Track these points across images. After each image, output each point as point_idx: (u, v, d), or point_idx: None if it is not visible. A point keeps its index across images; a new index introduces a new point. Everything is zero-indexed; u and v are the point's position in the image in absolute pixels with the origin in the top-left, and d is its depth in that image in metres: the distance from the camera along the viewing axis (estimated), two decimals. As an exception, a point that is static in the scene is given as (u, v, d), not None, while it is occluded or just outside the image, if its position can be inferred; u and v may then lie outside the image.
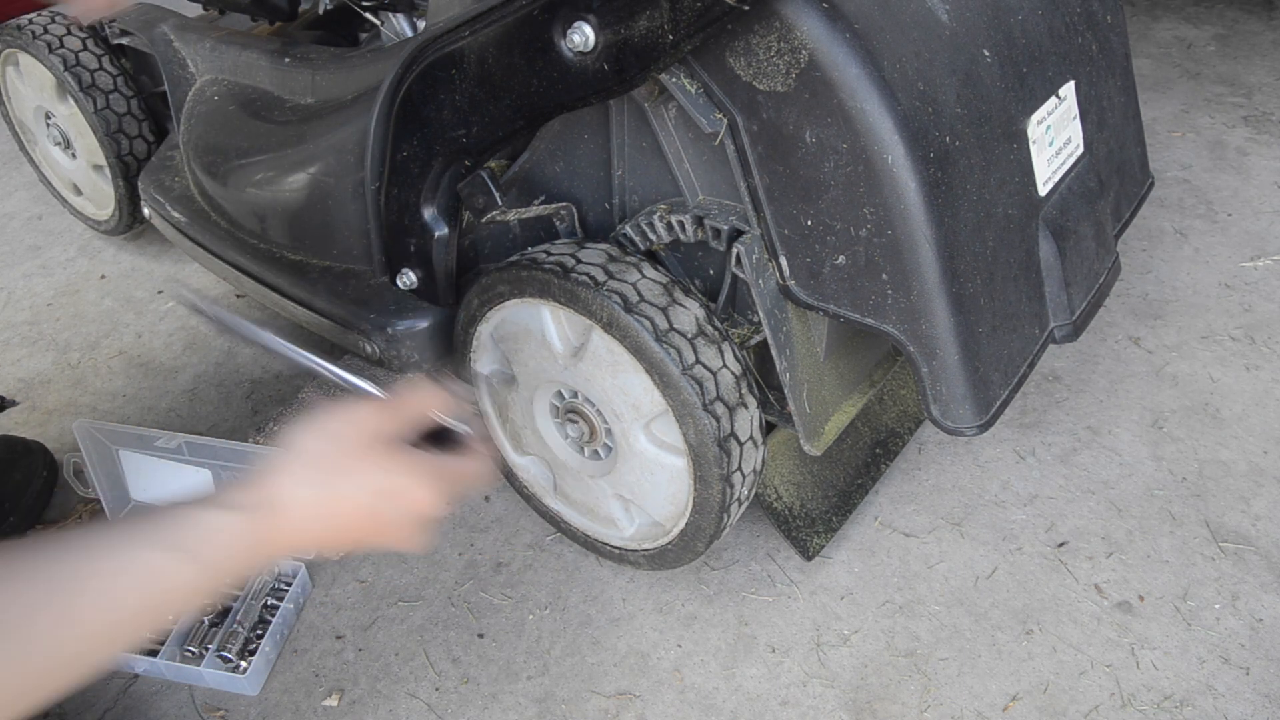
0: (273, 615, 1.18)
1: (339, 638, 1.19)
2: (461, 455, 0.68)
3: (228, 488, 0.61)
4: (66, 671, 0.50)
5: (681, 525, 1.05)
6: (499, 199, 1.05)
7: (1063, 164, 0.99)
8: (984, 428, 0.90)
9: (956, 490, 1.31)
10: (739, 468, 0.98)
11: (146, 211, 1.52)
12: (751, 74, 0.82)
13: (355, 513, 0.62)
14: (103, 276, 1.85)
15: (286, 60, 1.32)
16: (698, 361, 0.93)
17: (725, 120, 0.85)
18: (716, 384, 0.94)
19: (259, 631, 1.17)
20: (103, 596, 0.51)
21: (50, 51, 1.61)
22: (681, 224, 0.96)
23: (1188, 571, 1.19)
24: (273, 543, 0.58)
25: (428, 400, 0.68)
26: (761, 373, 1.07)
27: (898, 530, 1.26)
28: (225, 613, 1.18)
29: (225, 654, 1.14)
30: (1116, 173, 1.10)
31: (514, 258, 1.03)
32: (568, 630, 1.18)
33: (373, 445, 0.63)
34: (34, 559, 0.50)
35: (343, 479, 0.61)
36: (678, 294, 0.96)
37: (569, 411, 1.08)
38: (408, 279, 1.12)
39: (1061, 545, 1.23)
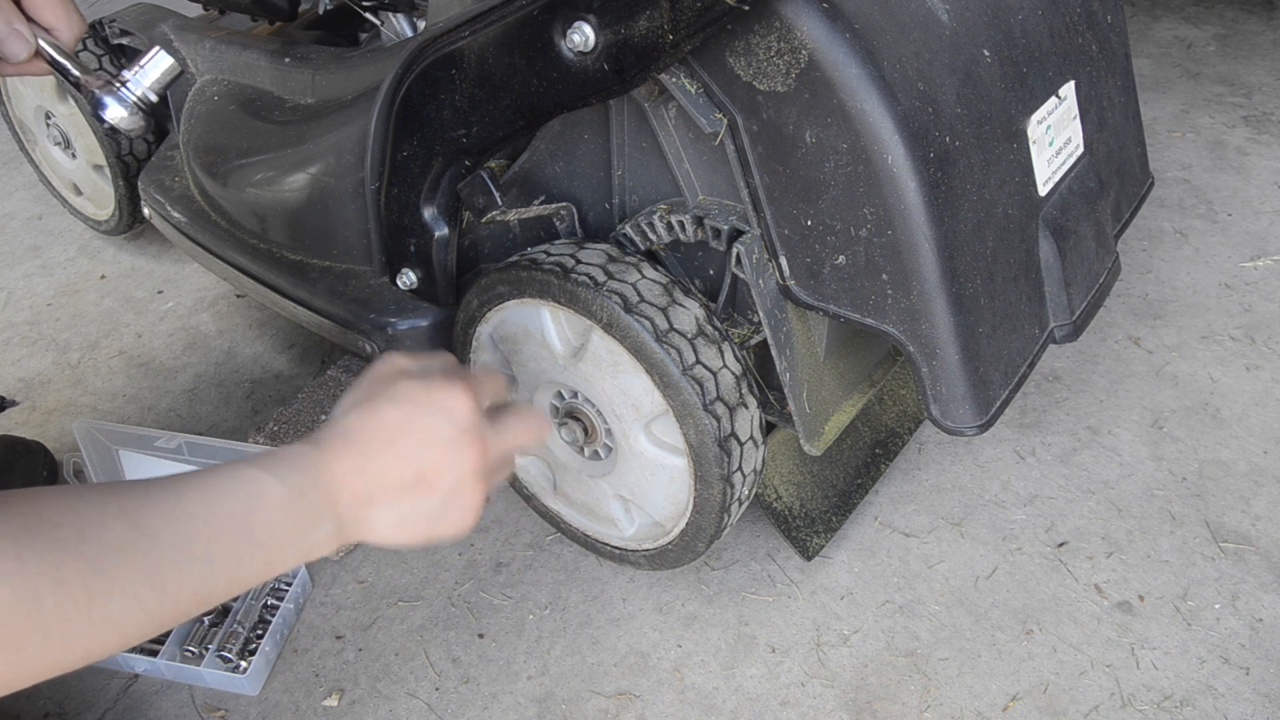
0: (273, 615, 1.18)
1: (339, 638, 1.19)
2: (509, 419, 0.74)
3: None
4: (187, 567, 0.54)
5: (682, 525, 1.05)
6: (499, 199, 1.05)
7: (1063, 164, 0.99)
8: (984, 428, 0.90)
9: (956, 490, 1.31)
10: (739, 468, 0.98)
11: (146, 211, 1.52)
12: (751, 74, 0.82)
13: (402, 426, 0.65)
14: (103, 276, 1.85)
15: (286, 60, 1.32)
16: (698, 362, 0.93)
17: (725, 120, 0.85)
18: (717, 384, 0.94)
19: (259, 631, 1.17)
20: (205, 493, 0.56)
21: (50, 51, 1.61)
22: (681, 224, 0.96)
23: (1188, 571, 1.19)
24: (336, 461, 0.63)
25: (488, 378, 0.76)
26: (761, 373, 1.07)
27: (898, 530, 1.26)
28: (225, 612, 1.18)
29: (225, 654, 1.14)
30: (1116, 173, 1.10)
31: (514, 258, 1.03)
32: (568, 630, 1.18)
33: (408, 376, 0.68)
34: (142, 482, 0.56)
35: (385, 401, 0.66)
36: (678, 294, 0.96)
37: (568, 412, 1.08)
38: (408, 279, 1.12)
39: (1061, 545, 1.23)
